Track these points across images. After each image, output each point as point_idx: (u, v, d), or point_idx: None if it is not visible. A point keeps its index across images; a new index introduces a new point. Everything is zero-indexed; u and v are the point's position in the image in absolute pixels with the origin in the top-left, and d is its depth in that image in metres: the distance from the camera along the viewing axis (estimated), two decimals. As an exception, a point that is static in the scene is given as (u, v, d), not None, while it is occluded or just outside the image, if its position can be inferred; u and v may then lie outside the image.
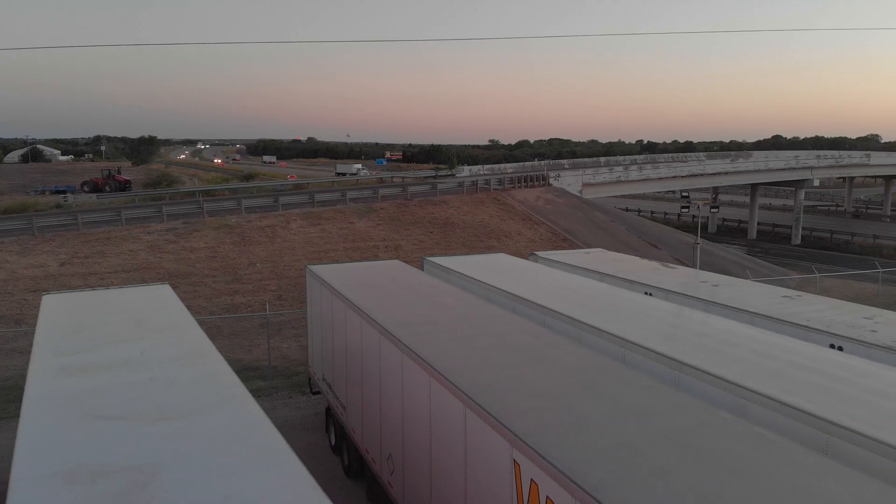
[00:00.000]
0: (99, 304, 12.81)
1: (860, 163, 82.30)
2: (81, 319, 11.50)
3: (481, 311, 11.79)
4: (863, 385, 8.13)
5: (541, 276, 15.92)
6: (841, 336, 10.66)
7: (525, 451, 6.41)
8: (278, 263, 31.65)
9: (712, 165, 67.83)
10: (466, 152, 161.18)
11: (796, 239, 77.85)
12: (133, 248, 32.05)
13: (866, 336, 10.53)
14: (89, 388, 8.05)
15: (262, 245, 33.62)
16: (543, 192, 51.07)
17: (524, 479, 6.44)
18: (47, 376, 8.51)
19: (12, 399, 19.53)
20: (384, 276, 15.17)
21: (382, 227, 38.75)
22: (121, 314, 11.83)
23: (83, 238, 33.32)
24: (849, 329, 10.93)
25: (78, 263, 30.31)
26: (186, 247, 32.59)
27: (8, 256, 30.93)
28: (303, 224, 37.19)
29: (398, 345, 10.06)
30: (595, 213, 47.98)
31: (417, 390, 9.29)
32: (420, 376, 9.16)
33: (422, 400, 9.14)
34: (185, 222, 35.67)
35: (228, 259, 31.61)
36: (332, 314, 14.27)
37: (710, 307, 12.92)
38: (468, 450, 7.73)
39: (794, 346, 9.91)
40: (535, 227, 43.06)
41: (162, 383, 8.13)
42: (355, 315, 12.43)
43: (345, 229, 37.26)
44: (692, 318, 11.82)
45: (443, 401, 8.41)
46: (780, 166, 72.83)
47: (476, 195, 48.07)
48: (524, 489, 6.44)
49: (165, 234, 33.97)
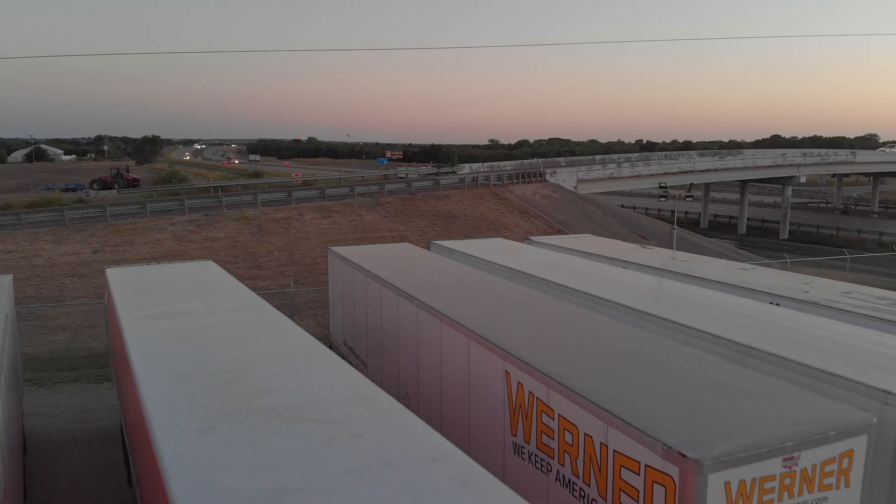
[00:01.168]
0: (157, 274, 14.87)
1: (845, 160, 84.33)
2: (147, 285, 13.54)
3: (481, 279, 13.88)
4: (782, 325, 10.20)
5: (533, 255, 17.99)
6: (779, 295, 12.72)
7: (513, 361, 8.49)
8: (294, 252, 33.74)
9: (702, 163, 69.93)
10: (466, 152, 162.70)
11: (784, 234, 79.92)
12: (159, 238, 34.14)
13: (799, 295, 12.60)
14: (173, 327, 10.09)
15: (279, 235, 35.71)
16: (540, 188, 53.13)
17: (513, 382, 8.53)
18: (137, 321, 10.57)
19: (62, 367, 21.67)
20: (397, 255, 17.25)
21: (389, 219, 40.84)
22: (178, 281, 13.89)
23: (112, 229, 35.41)
24: (787, 290, 12.99)
25: (110, 251, 32.40)
26: (208, 236, 34.68)
27: (44, 245, 33.03)
28: (315, 216, 39.30)
29: (414, 301, 12.14)
30: (589, 207, 50.06)
31: (431, 335, 11.37)
32: (432, 323, 11.24)
33: (434, 342, 11.21)
34: (206, 214, 37.79)
35: (248, 248, 33.69)
36: (353, 285, 16.35)
37: (675, 276, 14.99)
38: (471, 373, 9.80)
39: (738, 301, 12.00)
40: (531, 219, 45.12)
41: (231, 324, 10.20)
42: (375, 283, 14.51)
43: (354, 221, 39.36)
44: (658, 283, 13.91)
45: (451, 339, 10.49)
46: (768, 163, 74.93)
47: (476, 190, 50.15)
48: (513, 390, 8.52)
49: (188, 225, 36.07)
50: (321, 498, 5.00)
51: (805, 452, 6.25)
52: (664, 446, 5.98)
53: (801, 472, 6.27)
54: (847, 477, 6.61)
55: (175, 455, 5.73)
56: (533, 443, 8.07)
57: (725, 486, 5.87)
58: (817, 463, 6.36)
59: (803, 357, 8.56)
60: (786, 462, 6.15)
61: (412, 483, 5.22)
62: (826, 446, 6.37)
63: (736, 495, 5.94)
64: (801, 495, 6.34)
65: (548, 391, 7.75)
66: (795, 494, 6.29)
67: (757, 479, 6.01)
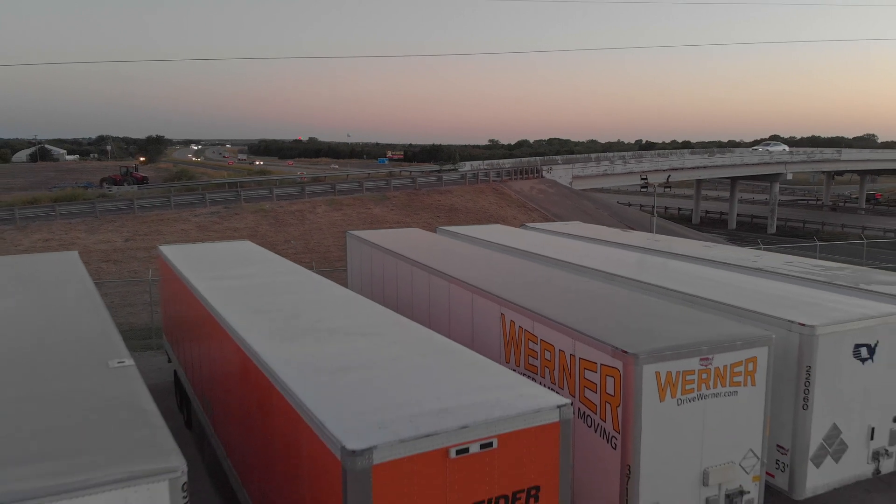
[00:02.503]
0: (205, 250, 17.11)
1: (831, 158, 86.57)
2: (200, 258, 15.77)
3: (481, 253, 16.14)
4: (723, 282, 12.43)
5: (527, 237, 20.24)
6: (731, 264, 14.95)
7: (507, 305, 10.75)
8: (309, 241, 36.03)
9: (691, 160, 72.19)
10: (467, 152, 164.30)
11: (772, 228, 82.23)
12: (184, 228, 36.43)
13: (748, 263, 14.83)
14: (237, 285, 12.31)
15: (294, 226, 38.01)
16: (537, 184, 55.40)
17: (507, 321, 10.79)
18: (205, 280, 12.81)
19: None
20: (409, 237, 19.50)
21: (395, 211, 43.13)
22: (226, 254, 16.13)
23: (140, 219, 37.72)
24: (738, 260, 15.22)
25: (140, 239, 34.70)
26: (230, 227, 36.98)
27: (79, 234, 35.33)
28: (327, 209, 41.61)
29: (426, 269, 14.39)
30: (583, 201, 52.35)
31: (440, 294, 13.61)
32: (442, 284, 13.50)
33: (443, 300, 13.46)
34: (226, 207, 40.10)
35: (267, 237, 35.96)
36: (371, 261, 18.60)
37: (648, 251, 17.23)
38: (474, 319, 12.05)
39: (692, 267, 14.25)
40: (529, 213, 47.38)
41: (281, 282, 12.46)
42: (391, 258, 16.75)
43: (363, 213, 41.65)
44: (630, 255, 16.17)
45: (458, 295, 12.74)
46: (755, 161, 77.20)
47: (477, 185, 52.43)
48: (507, 327, 10.78)
49: (210, 217, 38.38)
50: (376, 371, 7.28)
51: (717, 355, 8.51)
52: (612, 347, 8.25)
53: (714, 370, 8.53)
54: (753, 377, 8.87)
55: (270, 352, 8.00)
56: (522, 364, 10.33)
57: (656, 376, 8.13)
58: (728, 364, 8.62)
59: (733, 301, 10.81)
60: (702, 361, 8.41)
61: (436, 363, 7.51)
62: (733, 352, 8.63)
63: (664, 383, 8.20)
64: (716, 388, 8.60)
65: (532, 323, 10.02)
66: (711, 386, 8.55)
67: (680, 371, 8.27)
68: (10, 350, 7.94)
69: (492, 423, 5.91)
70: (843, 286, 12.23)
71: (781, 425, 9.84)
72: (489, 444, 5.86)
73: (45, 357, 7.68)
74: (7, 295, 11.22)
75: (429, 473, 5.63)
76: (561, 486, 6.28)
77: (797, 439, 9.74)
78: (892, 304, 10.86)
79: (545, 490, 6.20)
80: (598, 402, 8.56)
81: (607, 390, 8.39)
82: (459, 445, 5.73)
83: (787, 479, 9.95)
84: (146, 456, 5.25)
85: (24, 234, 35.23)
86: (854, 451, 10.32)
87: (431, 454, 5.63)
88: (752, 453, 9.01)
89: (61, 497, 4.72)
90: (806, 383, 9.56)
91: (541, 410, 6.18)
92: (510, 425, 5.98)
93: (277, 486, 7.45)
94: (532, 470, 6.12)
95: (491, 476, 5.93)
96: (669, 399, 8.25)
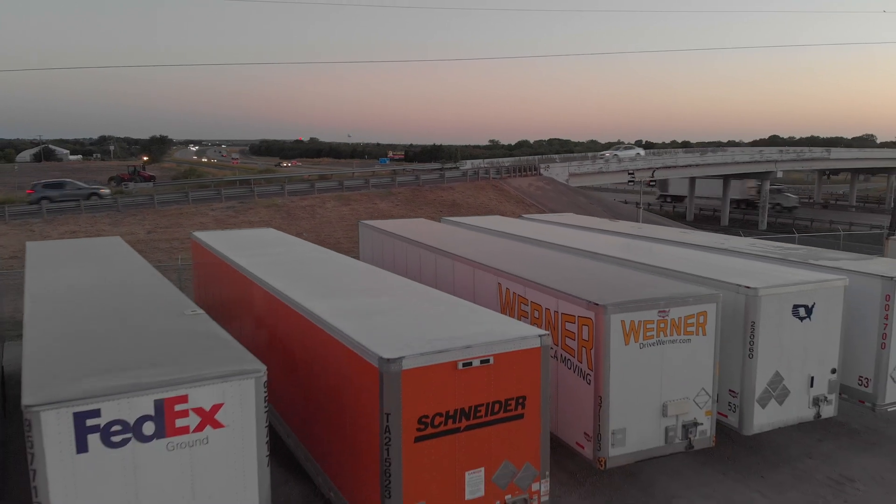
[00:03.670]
0: (235, 235, 18.92)
1: (821, 157, 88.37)
2: (232, 241, 17.53)
3: (482, 237, 17.97)
4: (689, 258, 14.21)
5: (523, 225, 22.05)
6: (702, 245, 16.73)
7: (503, 275, 12.57)
8: (320, 233, 37.83)
9: (684, 158, 74.03)
10: (467, 152, 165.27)
11: (762, 224, 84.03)
12: (202, 221, 38.26)
13: (716, 244, 16.62)
14: (270, 260, 14.09)
15: (305, 220, 39.85)
16: (535, 181, 57.21)
17: (503, 289, 12.61)
18: (243, 257, 14.62)
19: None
20: (417, 225, 21.33)
21: (400, 206, 44.96)
22: (254, 238, 17.94)
23: (160, 213, 39.57)
24: (709, 242, 17.00)
25: (161, 232, 36.54)
26: (245, 220, 38.80)
27: (104, 226, 37.16)
28: (336, 204, 43.46)
29: (432, 250, 16.20)
30: (578, 197, 54.17)
31: (446, 271, 15.42)
32: (447, 262, 15.31)
33: (448, 276, 15.27)
34: (241, 202, 41.94)
35: (280, 229, 37.76)
36: (382, 246, 20.42)
37: (630, 237, 19.04)
38: (475, 290, 13.87)
39: (666, 248, 16.05)
40: (527, 208, 49.17)
41: (308, 259, 14.28)
42: (401, 243, 18.57)
43: (370, 208, 43.48)
44: (614, 239, 17.98)
45: (461, 271, 14.55)
46: (746, 159, 79.04)
47: (478, 182, 54.28)
48: (503, 294, 12.59)
49: (226, 211, 40.22)
50: (397, 315, 9.10)
51: (673, 309, 10.33)
52: (587, 302, 10.07)
53: (671, 321, 10.35)
54: (704, 328, 10.69)
55: (312, 303, 9.82)
56: (516, 323, 12.13)
57: (622, 324, 9.95)
58: (682, 317, 10.44)
59: (695, 271, 12.62)
60: (660, 313, 10.23)
61: (445, 310, 9.35)
62: (686, 307, 10.45)
63: (629, 330, 10.02)
64: (672, 335, 10.42)
65: (524, 288, 11.84)
66: (668, 334, 10.37)
67: (641, 321, 10.09)
68: (109, 304, 9.77)
69: (489, 345, 7.74)
70: (794, 261, 14.02)
71: (732, 373, 11.65)
72: (487, 360, 7.68)
73: (139, 308, 9.52)
74: (81, 267, 13.05)
75: (442, 379, 7.46)
76: (542, 397, 8.10)
77: (745, 383, 11.55)
78: (830, 273, 12.68)
79: (530, 399, 8.02)
80: (576, 347, 10.38)
81: (583, 336, 10.22)
82: (464, 360, 7.55)
83: (737, 418, 11.77)
84: (236, 362, 7.09)
85: (52, 227, 37.09)
86: (796, 396, 12.12)
87: (444, 365, 7.45)
88: (705, 391, 10.83)
89: (182, 386, 6.56)
90: (751, 336, 11.37)
91: (526, 338, 8.01)
92: (503, 347, 7.81)
93: (320, 406, 9.28)
94: (520, 383, 7.94)
95: (489, 385, 7.76)
96: (633, 343, 10.07)
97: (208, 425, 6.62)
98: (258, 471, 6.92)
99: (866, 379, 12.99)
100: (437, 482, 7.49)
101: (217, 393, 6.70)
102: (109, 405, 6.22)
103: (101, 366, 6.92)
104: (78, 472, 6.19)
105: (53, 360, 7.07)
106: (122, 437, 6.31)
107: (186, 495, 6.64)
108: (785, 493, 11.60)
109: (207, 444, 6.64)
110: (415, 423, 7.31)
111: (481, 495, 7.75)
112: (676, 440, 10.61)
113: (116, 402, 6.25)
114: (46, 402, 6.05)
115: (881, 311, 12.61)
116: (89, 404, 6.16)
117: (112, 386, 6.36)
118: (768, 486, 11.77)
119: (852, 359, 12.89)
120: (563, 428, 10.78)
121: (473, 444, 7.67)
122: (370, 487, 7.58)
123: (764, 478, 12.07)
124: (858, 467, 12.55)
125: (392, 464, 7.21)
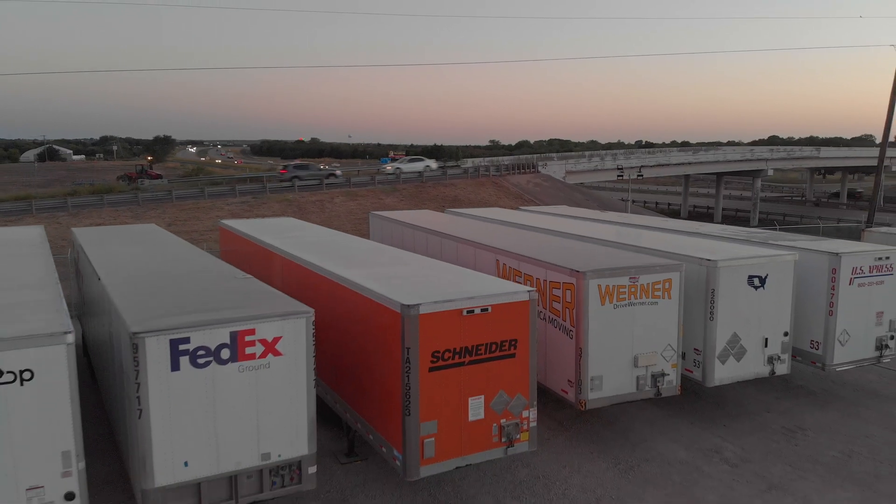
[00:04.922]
0: (258, 222, 20.73)
1: (810, 155, 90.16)
2: (257, 227, 19.33)
3: (482, 224, 19.79)
4: (659, 237, 16.00)
5: (519, 215, 23.86)
6: (679, 230, 18.51)
7: (500, 252, 14.38)
8: (329, 226, 39.61)
9: (677, 157, 75.88)
10: (468, 152, 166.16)
11: (754, 221, 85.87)
12: (219, 215, 40.08)
13: (690, 230, 18.40)
14: (296, 241, 15.89)
15: (316, 213, 41.67)
16: (533, 178, 59.07)
17: (500, 264, 14.41)
18: (271, 238, 16.41)
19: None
20: (423, 215, 23.15)
21: (405, 202, 46.79)
22: (276, 224, 19.71)
23: (179, 207, 41.41)
24: (684, 227, 18.77)
25: (181, 224, 38.38)
26: (259, 214, 40.63)
27: (126, 220, 39.01)
28: (344, 199, 45.30)
29: (439, 235, 17.99)
30: (574, 193, 55.98)
31: (450, 253, 17.21)
32: (451, 244, 17.11)
33: (452, 257, 17.07)
34: (255, 197, 43.80)
35: (292, 223, 39.63)
36: (392, 234, 22.20)
37: (614, 224, 20.84)
38: (476, 265, 15.61)
39: (646, 231, 17.83)
40: (525, 203, 51.00)
41: (328, 240, 16.07)
42: (410, 230, 20.37)
43: (376, 203, 45.30)
44: (599, 225, 19.80)
45: (464, 251, 16.35)
46: (737, 158, 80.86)
47: (478, 179, 56.13)
48: (500, 267, 14.40)
49: (241, 206, 42.06)
50: (411, 278, 10.91)
51: (642, 276, 12.13)
52: (570, 269, 11.88)
53: (640, 286, 12.15)
54: (669, 293, 12.48)
55: (339, 271, 11.63)
56: (511, 292, 13.93)
57: (598, 287, 11.76)
58: (650, 283, 12.24)
59: (667, 248, 14.42)
60: (631, 279, 12.04)
61: (452, 274, 11.17)
62: (654, 274, 12.25)
63: (604, 293, 11.82)
64: (642, 298, 12.22)
65: (518, 262, 13.65)
66: (638, 297, 12.17)
67: (615, 286, 11.90)
68: (170, 270, 11.59)
69: (488, 297, 9.55)
70: (756, 242, 15.82)
71: (697, 333, 13.45)
72: (486, 309, 9.49)
73: (197, 273, 11.33)
74: (132, 245, 14.85)
75: (450, 323, 9.27)
76: (530, 341, 9.91)
77: (707, 342, 13.36)
78: (783, 250, 14.49)
79: (521, 342, 9.83)
80: (561, 308, 12.20)
81: (566, 299, 12.03)
82: (468, 308, 9.36)
83: (701, 372, 13.57)
84: (291, 306, 8.92)
85: (77, 220, 38.92)
86: (752, 354, 13.91)
87: (451, 312, 9.27)
88: (671, 347, 12.64)
89: (252, 321, 8.37)
90: (711, 302, 13.17)
91: (518, 293, 9.83)
92: (499, 300, 9.62)
93: (351, 352, 11.09)
94: (512, 328, 9.75)
95: (488, 329, 9.57)
96: (608, 304, 11.88)
97: (270, 353, 8.44)
98: (307, 391, 8.74)
99: (817, 342, 14.79)
100: (446, 405, 9.31)
101: (277, 328, 8.52)
102: (197, 334, 8.04)
103: (185, 308, 8.75)
104: (171, 386, 8.00)
105: (145, 305, 8.90)
106: (205, 359, 8.12)
107: (251, 408, 8.46)
108: (743, 438, 13.42)
109: (269, 368, 8.46)
110: (429, 357, 9.13)
111: (481, 417, 9.57)
112: (646, 387, 12.42)
113: (202, 332, 8.07)
114: (150, 330, 7.87)
115: (829, 282, 14.42)
116: (182, 333, 7.97)
117: (199, 320, 8.18)
118: (729, 433, 13.60)
119: (805, 324, 14.69)
120: (551, 378, 12.60)
121: (475, 375, 9.49)
122: (393, 409, 9.40)
123: (726, 426, 13.89)
124: (811, 420, 14.36)
125: (411, 388, 9.03)
